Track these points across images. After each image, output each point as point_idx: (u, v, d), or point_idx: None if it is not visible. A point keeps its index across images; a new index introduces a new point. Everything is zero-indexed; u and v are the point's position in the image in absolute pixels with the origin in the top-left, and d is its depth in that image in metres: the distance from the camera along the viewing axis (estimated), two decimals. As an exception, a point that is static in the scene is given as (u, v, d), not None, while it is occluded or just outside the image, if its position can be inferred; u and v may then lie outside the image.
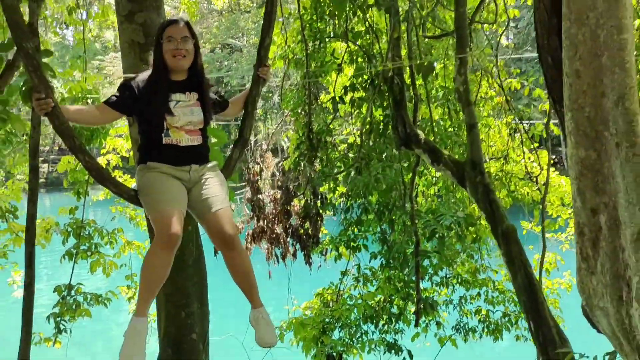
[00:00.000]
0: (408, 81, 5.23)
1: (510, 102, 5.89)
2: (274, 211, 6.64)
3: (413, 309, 6.03)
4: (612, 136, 2.44)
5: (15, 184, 6.97)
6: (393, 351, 6.07)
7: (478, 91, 6.04)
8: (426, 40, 5.70)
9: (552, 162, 5.81)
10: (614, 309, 2.44)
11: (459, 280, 6.38)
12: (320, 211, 6.31)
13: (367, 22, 5.66)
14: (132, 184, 2.93)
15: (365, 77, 5.71)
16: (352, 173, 5.75)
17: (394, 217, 5.59)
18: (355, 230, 6.15)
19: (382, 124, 5.90)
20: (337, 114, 6.31)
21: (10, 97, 3.12)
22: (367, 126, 5.85)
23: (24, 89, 2.99)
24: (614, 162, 2.44)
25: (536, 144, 6.27)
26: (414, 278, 5.78)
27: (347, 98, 5.79)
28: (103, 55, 29.58)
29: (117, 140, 6.86)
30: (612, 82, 2.45)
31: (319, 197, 6.22)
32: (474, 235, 5.91)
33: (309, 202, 6.20)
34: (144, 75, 2.77)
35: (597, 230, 2.56)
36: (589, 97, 2.53)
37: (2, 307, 6.92)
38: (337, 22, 5.69)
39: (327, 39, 6.06)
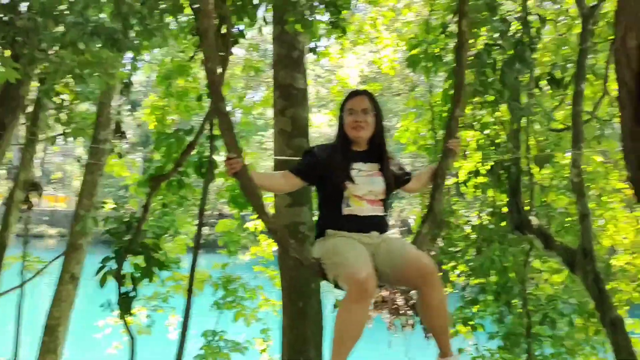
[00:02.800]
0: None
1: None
2: (397, 284, 6.98)
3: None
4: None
5: (181, 240, 8.11)
6: None
7: (607, 182, 6.10)
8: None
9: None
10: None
11: (583, 374, 6.17)
12: (441, 287, 6.56)
13: (494, 114, 6.11)
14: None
15: (491, 164, 6.09)
16: (474, 253, 6.05)
17: (510, 300, 5.74)
18: (475, 309, 6.34)
19: (505, 208, 6.18)
20: (464, 197, 6.69)
21: (188, 169, 4.09)
22: (490, 209, 6.16)
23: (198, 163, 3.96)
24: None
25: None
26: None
27: (470, 183, 6.19)
28: (265, 131, 32.11)
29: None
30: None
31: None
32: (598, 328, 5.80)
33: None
34: (328, 144, 2.81)
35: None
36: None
37: (157, 345, 7.98)
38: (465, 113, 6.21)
39: (455, 128, 6.56)
